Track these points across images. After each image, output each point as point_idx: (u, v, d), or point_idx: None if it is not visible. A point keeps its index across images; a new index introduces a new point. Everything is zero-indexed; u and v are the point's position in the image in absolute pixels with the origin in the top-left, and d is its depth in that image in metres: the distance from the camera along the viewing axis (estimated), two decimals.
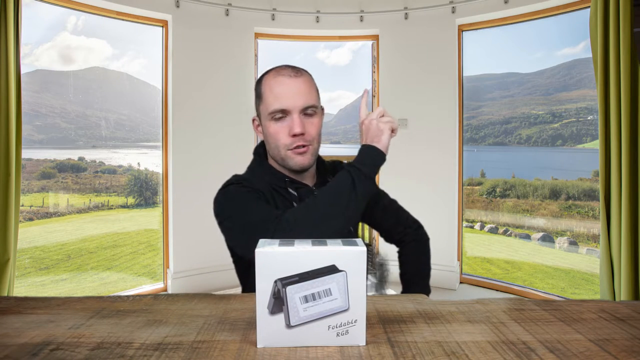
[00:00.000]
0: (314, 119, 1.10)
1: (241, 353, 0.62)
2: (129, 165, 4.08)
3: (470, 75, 3.78)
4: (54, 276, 3.50)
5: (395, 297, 0.90)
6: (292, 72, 1.08)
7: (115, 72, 3.91)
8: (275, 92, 1.07)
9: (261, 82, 1.12)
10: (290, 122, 1.07)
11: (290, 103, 1.06)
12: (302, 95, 1.07)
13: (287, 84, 1.06)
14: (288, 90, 1.06)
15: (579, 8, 3.04)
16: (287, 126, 1.07)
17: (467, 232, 4.11)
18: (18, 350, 0.62)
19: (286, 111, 1.07)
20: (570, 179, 3.87)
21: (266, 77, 1.11)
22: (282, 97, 1.06)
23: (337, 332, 0.65)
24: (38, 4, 2.98)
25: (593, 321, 0.75)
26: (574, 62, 3.83)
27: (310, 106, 1.08)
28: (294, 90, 1.06)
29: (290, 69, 1.09)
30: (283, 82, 1.07)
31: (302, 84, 1.07)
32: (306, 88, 1.08)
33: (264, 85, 1.10)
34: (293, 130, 1.06)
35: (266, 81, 1.10)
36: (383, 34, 3.80)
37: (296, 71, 1.09)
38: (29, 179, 3.49)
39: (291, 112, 1.07)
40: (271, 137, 1.10)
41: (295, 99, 1.06)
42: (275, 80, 1.08)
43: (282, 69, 1.10)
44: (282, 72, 1.08)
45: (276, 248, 0.63)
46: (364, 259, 0.64)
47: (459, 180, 3.64)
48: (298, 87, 1.07)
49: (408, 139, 3.72)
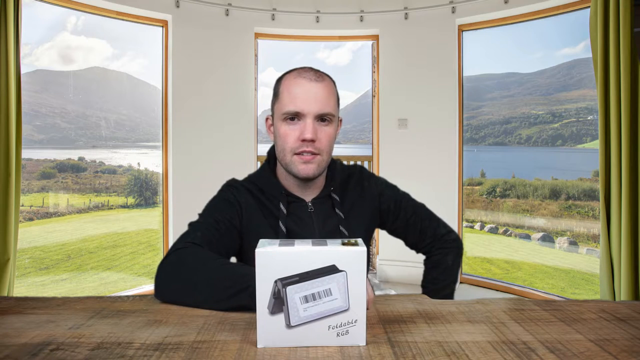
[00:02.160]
0: (329, 128, 1.05)
1: (241, 353, 0.62)
2: (129, 165, 4.08)
3: (470, 75, 3.78)
4: (54, 276, 3.50)
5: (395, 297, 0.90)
6: (313, 76, 1.04)
7: (115, 72, 3.92)
8: (293, 93, 1.02)
9: (281, 80, 1.08)
10: (302, 126, 1.02)
11: (306, 106, 1.01)
12: (319, 100, 1.02)
13: (306, 87, 1.02)
14: (306, 93, 1.01)
15: (579, 8, 3.04)
16: (299, 129, 1.02)
17: (467, 232, 4.12)
18: (18, 350, 0.62)
19: (300, 114, 1.02)
20: (570, 179, 3.87)
21: (287, 76, 1.07)
22: (298, 99, 1.02)
23: (337, 332, 0.65)
24: (38, 4, 2.98)
25: (593, 321, 0.75)
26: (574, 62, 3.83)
27: (327, 113, 1.03)
28: (312, 95, 1.02)
29: (313, 73, 1.05)
30: (302, 85, 1.02)
31: (321, 89, 1.03)
32: (325, 94, 1.03)
33: (283, 85, 1.06)
34: (303, 135, 1.01)
35: (286, 81, 1.06)
36: (383, 34, 3.80)
37: (318, 75, 1.05)
38: (29, 179, 3.49)
39: (305, 116, 1.02)
40: (280, 139, 1.05)
41: (311, 103, 1.01)
42: (295, 81, 1.04)
43: (304, 70, 1.05)
44: (304, 74, 1.04)
45: (276, 248, 0.63)
46: (364, 259, 0.64)
47: (459, 180, 3.64)
48: (317, 92, 1.02)
49: (408, 139, 3.72)
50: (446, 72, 3.62)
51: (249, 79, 3.71)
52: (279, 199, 1.10)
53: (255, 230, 1.08)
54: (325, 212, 1.12)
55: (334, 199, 1.14)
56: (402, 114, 3.74)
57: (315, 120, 1.03)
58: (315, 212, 1.11)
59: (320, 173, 1.07)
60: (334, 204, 1.13)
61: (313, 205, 1.12)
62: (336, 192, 1.15)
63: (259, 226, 1.08)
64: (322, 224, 1.11)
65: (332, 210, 1.13)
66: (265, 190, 1.11)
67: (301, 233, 1.08)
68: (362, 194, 1.19)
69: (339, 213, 1.12)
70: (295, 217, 1.09)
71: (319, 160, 1.04)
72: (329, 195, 1.14)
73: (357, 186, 1.19)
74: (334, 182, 1.15)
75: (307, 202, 1.12)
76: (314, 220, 1.10)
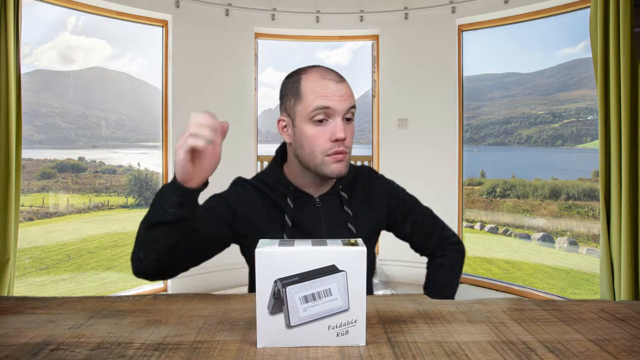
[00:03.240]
0: (352, 125, 1.07)
1: (241, 353, 0.62)
2: (129, 165, 4.08)
3: (470, 75, 3.78)
4: (54, 276, 3.50)
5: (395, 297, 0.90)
6: (336, 76, 1.04)
7: (115, 72, 3.92)
8: (321, 92, 1.02)
9: (299, 81, 1.05)
10: (332, 127, 1.02)
11: (337, 104, 1.01)
12: (347, 97, 1.03)
13: (332, 87, 1.02)
14: (334, 92, 1.02)
15: (579, 8, 3.04)
16: (329, 130, 1.02)
17: (467, 232, 4.11)
18: (18, 350, 0.62)
19: (330, 112, 1.02)
20: (570, 179, 3.87)
21: (307, 77, 1.04)
22: (328, 97, 1.01)
23: (337, 332, 0.65)
24: (38, 4, 2.98)
25: (593, 321, 0.75)
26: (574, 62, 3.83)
27: (352, 107, 1.05)
28: (340, 93, 1.02)
29: (335, 73, 1.06)
30: (329, 85, 1.02)
31: (346, 89, 1.04)
32: (350, 92, 1.05)
33: (305, 86, 1.04)
34: (336, 135, 1.01)
35: (308, 82, 1.04)
36: (383, 34, 3.80)
37: (339, 76, 1.06)
38: (29, 179, 3.49)
39: (334, 115, 1.02)
40: (307, 141, 1.04)
41: (341, 100, 1.02)
42: (321, 82, 1.03)
43: (325, 71, 1.05)
44: (327, 75, 1.04)
45: (276, 248, 0.63)
46: (364, 259, 0.64)
47: (459, 180, 3.64)
48: (343, 91, 1.03)
49: (408, 139, 3.72)
50: (446, 72, 3.62)
51: (249, 79, 3.71)
52: (286, 194, 1.10)
53: (259, 225, 1.09)
54: (333, 208, 1.13)
55: (342, 196, 1.14)
56: (402, 114, 3.73)
57: (343, 119, 1.03)
58: (323, 207, 1.12)
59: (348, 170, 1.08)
60: (342, 201, 1.14)
61: (321, 201, 1.12)
62: (344, 190, 1.15)
63: (264, 221, 1.09)
64: (329, 218, 1.11)
65: (341, 207, 1.13)
66: (272, 187, 1.12)
67: (308, 227, 1.09)
68: (371, 194, 1.19)
69: (347, 210, 1.12)
70: (302, 212, 1.10)
71: (348, 158, 1.06)
72: (337, 193, 1.14)
73: (366, 186, 1.20)
74: (342, 180, 1.15)
75: (315, 198, 1.12)
76: (321, 215, 1.11)
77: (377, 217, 1.19)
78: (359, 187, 1.18)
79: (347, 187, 1.17)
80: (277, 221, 1.09)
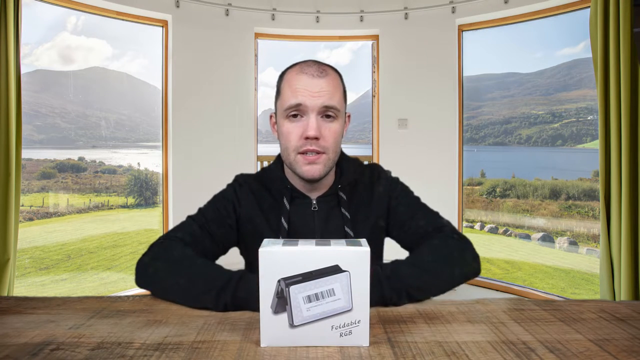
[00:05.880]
0: (334, 124, 0.99)
1: (241, 353, 0.62)
2: (129, 165, 4.08)
3: (470, 75, 3.78)
4: (54, 276, 3.50)
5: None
6: (316, 71, 0.97)
7: (115, 72, 3.92)
8: (294, 87, 0.97)
9: (282, 76, 1.03)
10: (305, 123, 0.97)
11: (308, 100, 0.95)
12: (323, 94, 0.96)
13: (306, 82, 0.96)
14: (308, 87, 0.96)
15: (579, 8, 3.04)
16: (301, 126, 0.97)
17: (467, 232, 4.11)
18: (18, 350, 0.62)
19: (302, 109, 0.96)
20: (570, 179, 3.87)
21: (289, 71, 1.01)
22: (300, 92, 0.96)
23: (341, 332, 0.65)
24: (38, 4, 2.98)
25: (593, 321, 0.75)
26: (574, 62, 3.83)
27: (330, 107, 0.97)
28: (316, 88, 0.96)
29: (316, 68, 0.98)
30: (302, 80, 0.97)
31: (325, 83, 0.97)
32: (330, 88, 0.97)
33: (284, 80, 1.01)
34: (306, 132, 0.95)
35: (287, 76, 1.00)
36: (383, 34, 3.80)
37: (321, 70, 0.98)
38: (29, 179, 3.49)
39: (307, 112, 0.96)
40: (282, 137, 1.01)
41: (314, 96, 0.95)
42: (297, 76, 0.98)
43: (307, 65, 0.99)
44: (306, 69, 0.98)
45: (280, 248, 0.63)
46: (367, 259, 0.64)
47: (459, 180, 3.64)
48: (321, 85, 0.96)
49: (408, 139, 3.72)
50: (446, 72, 3.62)
51: (249, 79, 3.71)
52: (283, 194, 1.06)
53: (254, 226, 1.07)
54: (329, 211, 1.07)
55: (340, 197, 1.07)
56: (402, 114, 3.73)
57: (320, 117, 0.97)
58: (319, 211, 1.06)
59: (326, 173, 1.01)
60: (340, 202, 1.07)
61: (318, 204, 1.07)
62: (344, 191, 1.08)
63: (259, 222, 1.07)
64: (324, 223, 1.06)
65: (338, 209, 1.07)
66: (270, 186, 1.09)
67: (302, 231, 1.05)
68: (372, 195, 1.11)
69: (344, 213, 1.06)
70: (297, 214, 1.06)
71: (325, 160, 0.99)
72: (336, 194, 1.08)
73: (369, 186, 1.12)
74: (342, 180, 1.08)
75: (312, 200, 1.07)
76: (315, 219, 1.06)
77: (377, 220, 1.10)
78: (360, 188, 1.11)
79: (348, 188, 1.09)
80: (274, 223, 1.06)
